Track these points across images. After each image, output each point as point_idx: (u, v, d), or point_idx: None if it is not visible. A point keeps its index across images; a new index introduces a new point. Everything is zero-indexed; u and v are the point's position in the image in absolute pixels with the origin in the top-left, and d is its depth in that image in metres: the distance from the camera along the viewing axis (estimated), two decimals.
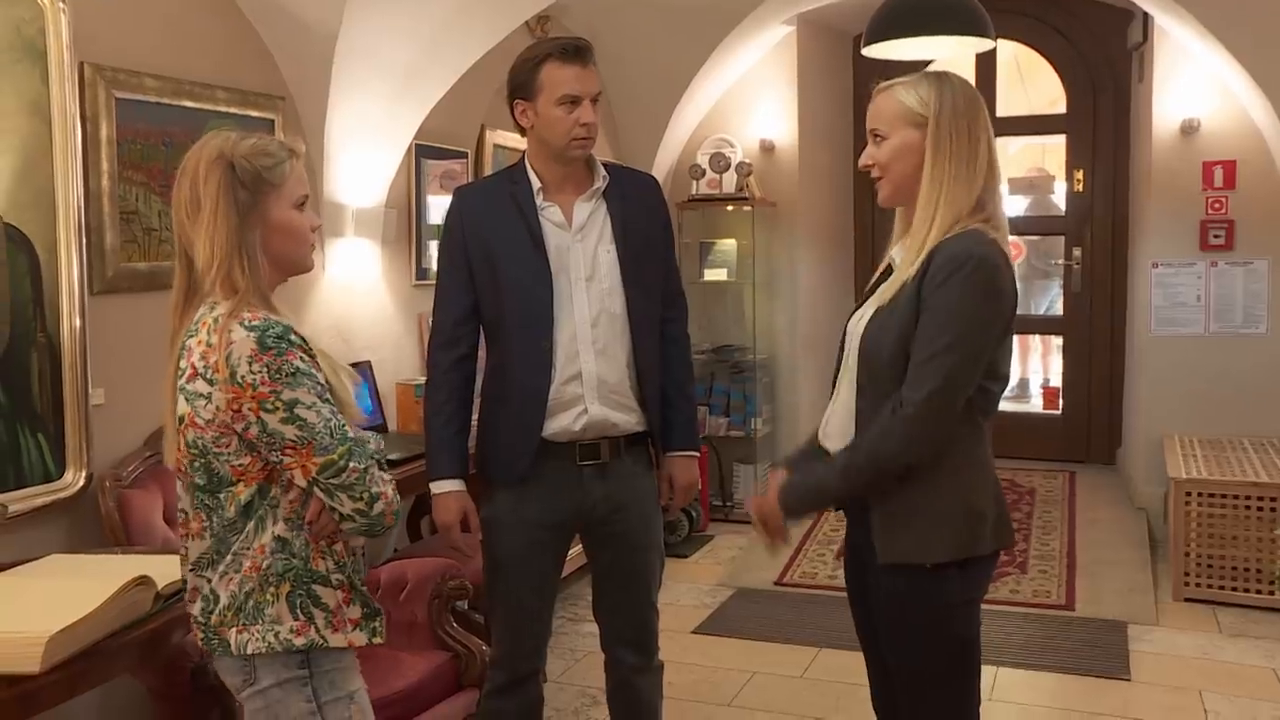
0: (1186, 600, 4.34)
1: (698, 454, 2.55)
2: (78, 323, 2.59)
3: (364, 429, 2.08)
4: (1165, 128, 5.19)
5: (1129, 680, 3.65)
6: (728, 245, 5.82)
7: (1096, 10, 5.85)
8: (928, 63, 6.04)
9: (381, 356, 3.91)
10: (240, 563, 1.68)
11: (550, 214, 2.36)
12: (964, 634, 1.92)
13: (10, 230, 2.45)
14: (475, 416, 2.49)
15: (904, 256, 1.90)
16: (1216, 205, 5.11)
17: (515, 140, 4.73)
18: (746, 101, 5.95)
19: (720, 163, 5.74)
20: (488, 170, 4.53)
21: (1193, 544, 4.36)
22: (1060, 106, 6.25)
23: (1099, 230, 6.10)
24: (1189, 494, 4.37)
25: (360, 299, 3.82)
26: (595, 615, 2.57)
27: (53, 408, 2.57)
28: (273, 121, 3.27)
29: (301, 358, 1.64)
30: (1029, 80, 6.92)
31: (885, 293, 1.88)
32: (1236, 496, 4.29)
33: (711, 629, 4.23)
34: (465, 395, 2.44)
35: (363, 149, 3.60)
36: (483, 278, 2.36)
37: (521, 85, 2.33)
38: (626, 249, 2.37)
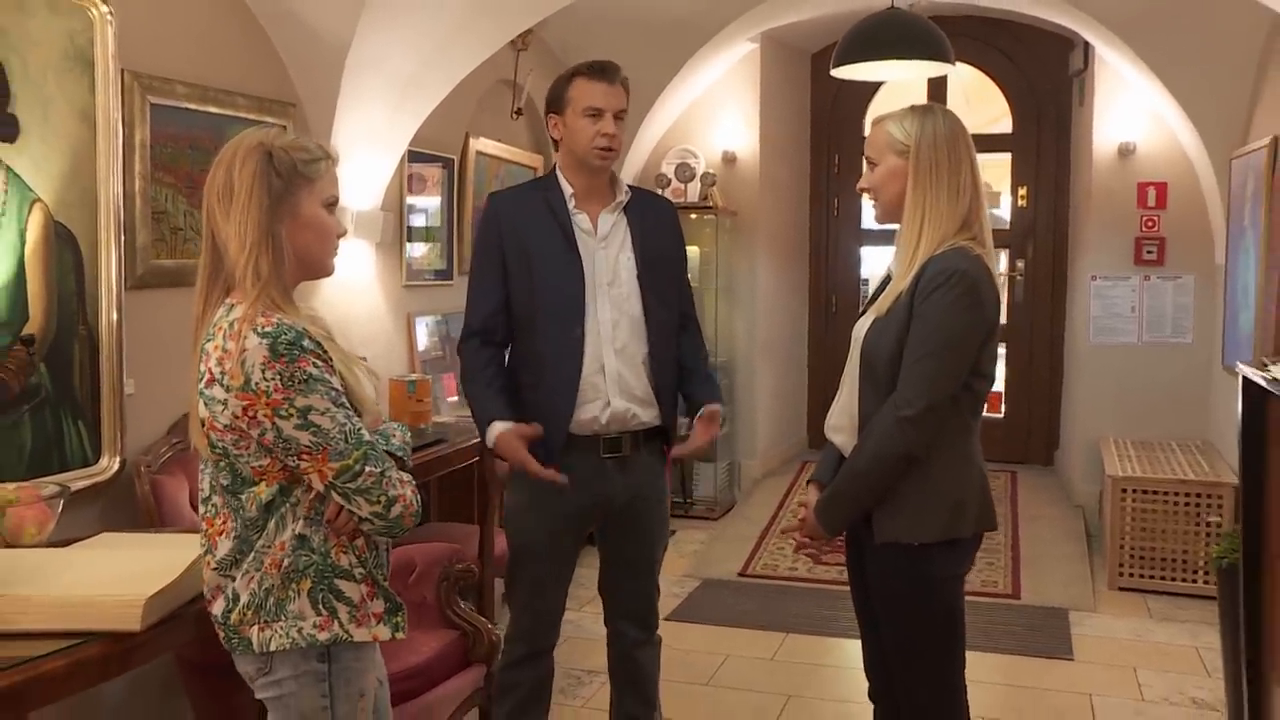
0: (1120, 589, 4.69)
1: (721, 406, 2.68)
2: (115, 316, 2.74)
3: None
4: (1104, 150, 5.56)
5: (1072, 660, 3.97)
6: (691, 252, 5.96)
7: (1041, 37, 6.22)
8: (881, 83, 6.39)
9: (374, 354, 4.07)
10: (261, 560, 1.70)
11: (580, 220, 2.58)
12: (949, 606, 2.17)
13: (59, 228, 2.59)
14: None
15: (897, 269, 2.15)
16: (1150, 223, 5.49)
17: (495, 147, 4.93)
18: (711, 114, 6.21)
19: (685, 172, 5.99)
20: (470, 176, 4.72)
21: (1126, 537, 4.71)
22: (1004, 125, 6.61)
23: (1040, 244, 6.47)
24: (1124, 491, 4.71)
25: (356, 298, 3.98)
26: (600, 591, 2.78)
27: (91, 396, 2.71)
28: (285, 127, 3.42)
29: (314, 363, 1.65)
30: (973, 100, 7.27)
31: (883, 302, 2.13)
32: (1167, 493, 4.65)
33: (683, 616, 4.46)
34: (502, 366, 2.62)
35: (365, 154, 3.76)
36: (518, 275, 2.55)
37: (554, 100, 2.57)
38: (643, 259, 2.59)
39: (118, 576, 1.93)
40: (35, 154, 2.53)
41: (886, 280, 2.21)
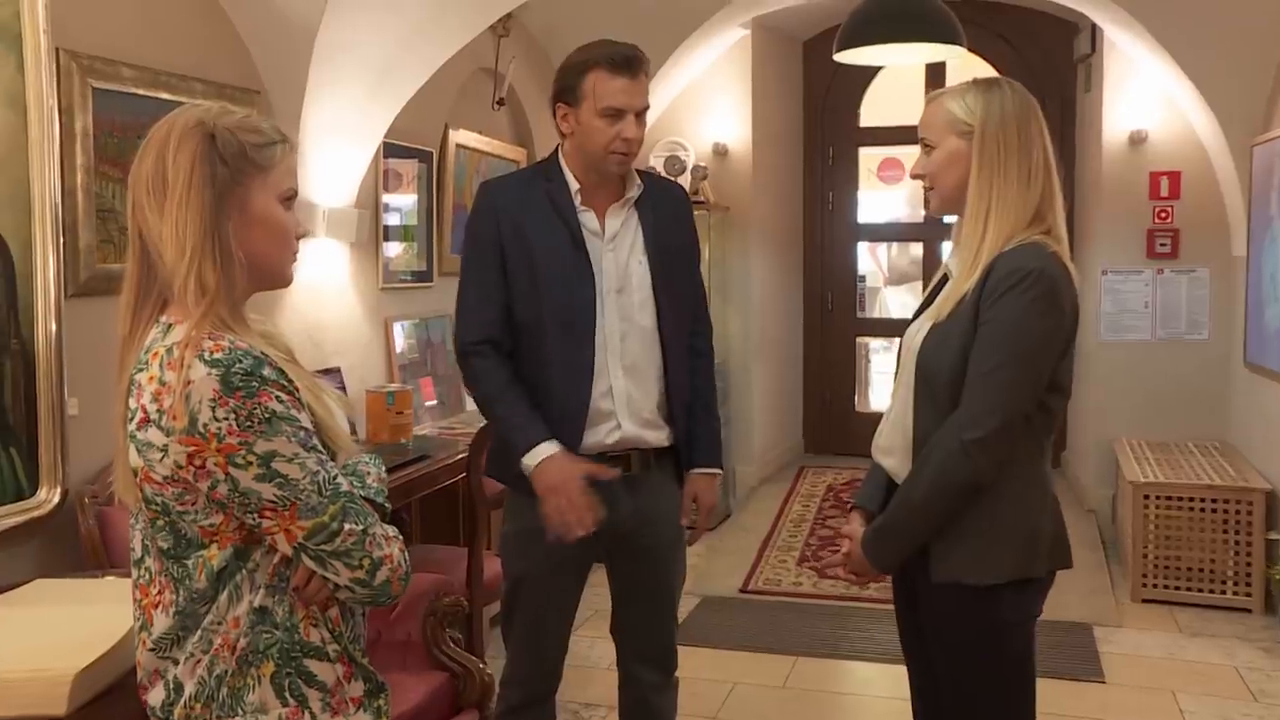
0: (1145, 601, 4.44)
1: (721, 472, 2.47)
2: (54, 327, 2.42)
3: None
4: (1114, 138, 5.32)
5: (1104, 683, 3.70)
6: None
7: (1043, 21, 5.97)
8: (879, 69, 6.14)
9: (350, 362, 3.76)
10: (210, 640, 1.36)
11: (585, 219, 2.27)
12: (1017, 653, 1.89)
13: None
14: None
15: (959, 269, 1.86)
16: (1163, 215, 5.25)
17: (476, 140, 4.62)
18: (701, 105, 5.93)
19: (675, 166, 5.70)
20: (450, 170, 4.41)
21: (1150, 546, 4.46)
22: None
23: None
24: (1146, 497, 4.46)
25: (330, 302, 3.67)
26: (614, 633, 2.48)
27: (26, 419, 2.39)
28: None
29: (278, 397, 1.32)
30: None
31: (943, 306, 1.84)
32: (1192, 499, 4.40)
33: (683, 639, 4.04)
34: (518, 382, 2.26)
35: (336, 147, 3.46)
36: (521, 279, 2.24)
37: (565, 90, 2.22)
38: (659, 261, 2.29)
39: (41, 645, 1.62)
40: None
41: (943, 281, 1.92)
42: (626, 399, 2.26)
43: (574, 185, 2.27)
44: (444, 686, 2.70)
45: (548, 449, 2.18)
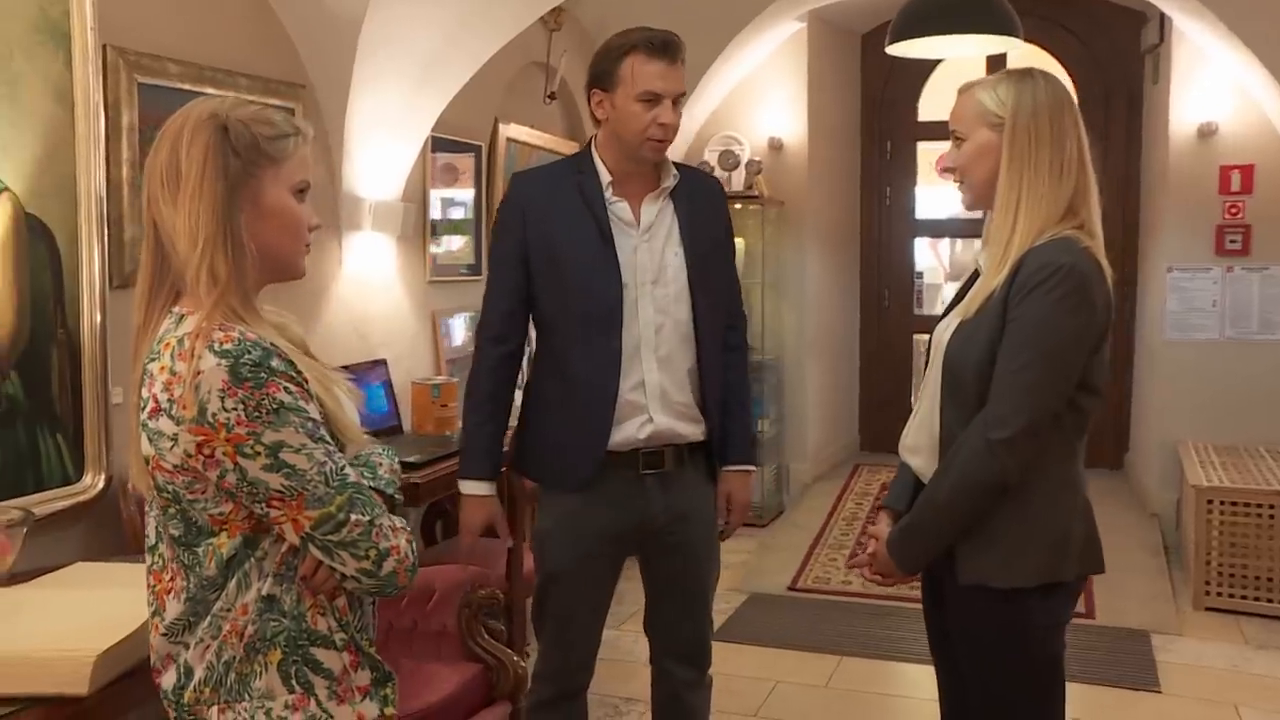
0: (1208, 610, 4.29)
1: (755, 469, 2.44)
2: (98, 318, 2.47)
3: (379, 432, 1.76)
4: (1182, 131, 5.15)
5: (1160, 693, 3.59)
6: (736, 244, 5.72)
7: (1110, 11, 5.82)
8: (938, 61, 6.03)
9: (397, 354, 3.79)
10: (219, 626, 1.39)
11: (618, 210, 2.25)
12: (1046, 657, 1.84)
13: (31, 220, 2.33)
14: (519, 414, 2.40)
15: (988, 264, 1.81)
16: (1233, 210, 5.07)
17: (528, 134, 4.63)
18: (755, 99, 5.88)
19: (729, 160, 5.66)
20: (500, 164, 4.43)
21: (1214, 553, 4.31)
22: None
23: (1109, 233, 5.99)
24: (1210, 502, 4.32)
25: (377, 295, 3.70)
26: (646, 629, 2.47)
27: (72, 407, 2.45)
28: (293, 110, 3.15)
29: (286, 388, 1.34)
30: None
31: (971, 303, 1.79)
32: (1260, 505, 4.24)
33: (728, 636, 4.14)
34: (508, 395, 2.34)
35: (381, 141, 3.48)
36: (543, 272, 2.24)
37: (602, 75, 2.21)
38: (694, 253, 2.27)
39: (69, 626, 1.65)
40: (2, 138, 2.26)
41: (974, 277, 1.87)
42: (660, 391, 2.24)
43: (606, 177, 2.25)
44: (477, 677, 2.71)
45: (478, 488, 2.31)
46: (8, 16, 2.26)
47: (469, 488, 2.33)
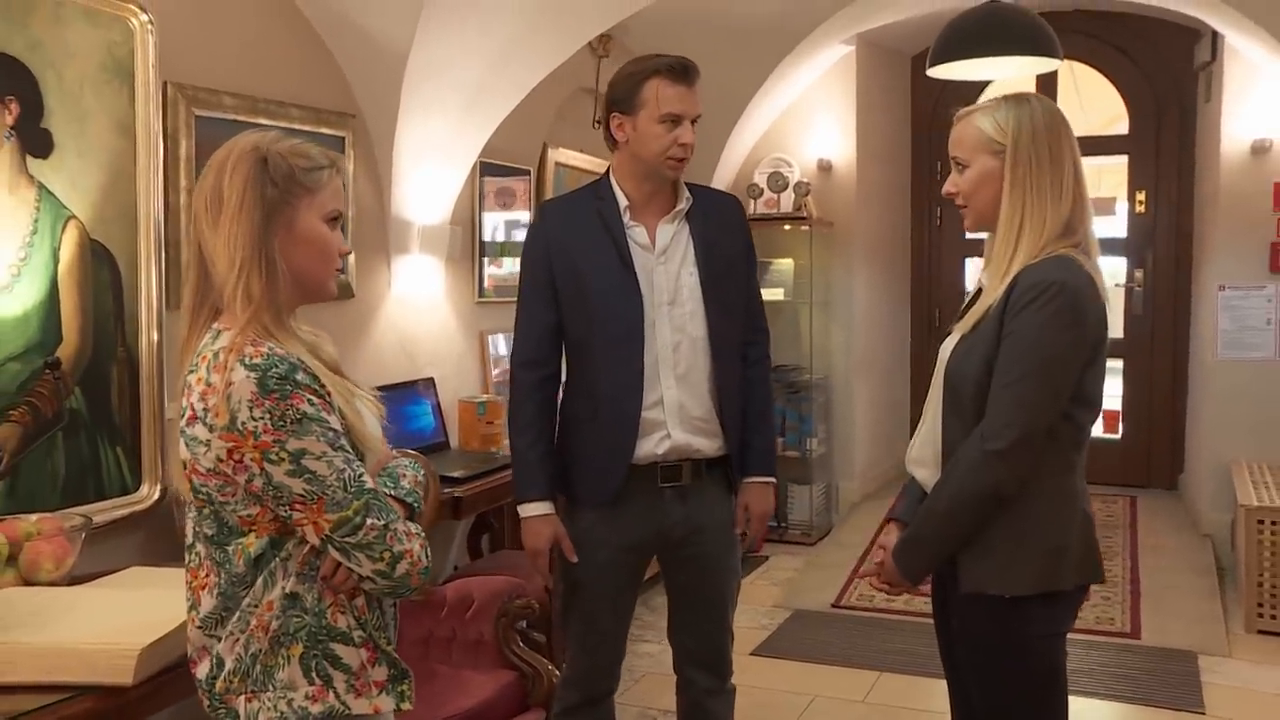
0: (1260, 632, 4.23)
1: (774, 481, 2.51)
2: (155, 336, 2.62)
3: (426, 448, 1.83)
4: (1235, 148, 5.10)
5: (1203, 714, 3.55)
6: (785, 265, 5.79)
7: (1161, 29, 5.78)
8: (987, 83, 6.03)
9: (444, 373, 3.92)
10: (248, 621, 1.50)
11: (636, 234, 2.35)
12: (1045, 666, 1.87)
13: (95, 245, 2.49)
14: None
15: (988, 282, 1.87)
16: None
17: (577, 158, 4.75)
18: (804, 121, 5.94)
19: (778, 182, 5.72)
20: (549, 188, 4.55)
21: (1265, 574, 4.25)
22: (1119, 126, 6.17)
23: (1161, 252, 6.00)
24: (1261, 522, 4.26)
25: (424, 316, 3.84)
26: (670, 637, 2.54)
27: (130, 421, 2.60)
28: (344, 139, 3.31)
29: (310, 400, 1.45)
30: (1085, 101, 6.85)
31: (970, 318, 1.85)
32: None
33: (769, 651, 4.18)
34: (551, 415, 2.42)
35: (429, 166, 3.62)
36: (569, 295, 2.34)
37: (622, 99, 2.31)
38: (709, 271, 2.35)
39: (118, 623, 1.78)
40: (71, 170, 2.43)
41: (977, 294, 1.93)
42: (677, 407, 2.32)
43: (623, 202, 2.35)
44: (512, 685, 2.80)
45: (537, 508, 2.35)
46: (79, 57, 2.43)
47: (529, 509, 2.37)
